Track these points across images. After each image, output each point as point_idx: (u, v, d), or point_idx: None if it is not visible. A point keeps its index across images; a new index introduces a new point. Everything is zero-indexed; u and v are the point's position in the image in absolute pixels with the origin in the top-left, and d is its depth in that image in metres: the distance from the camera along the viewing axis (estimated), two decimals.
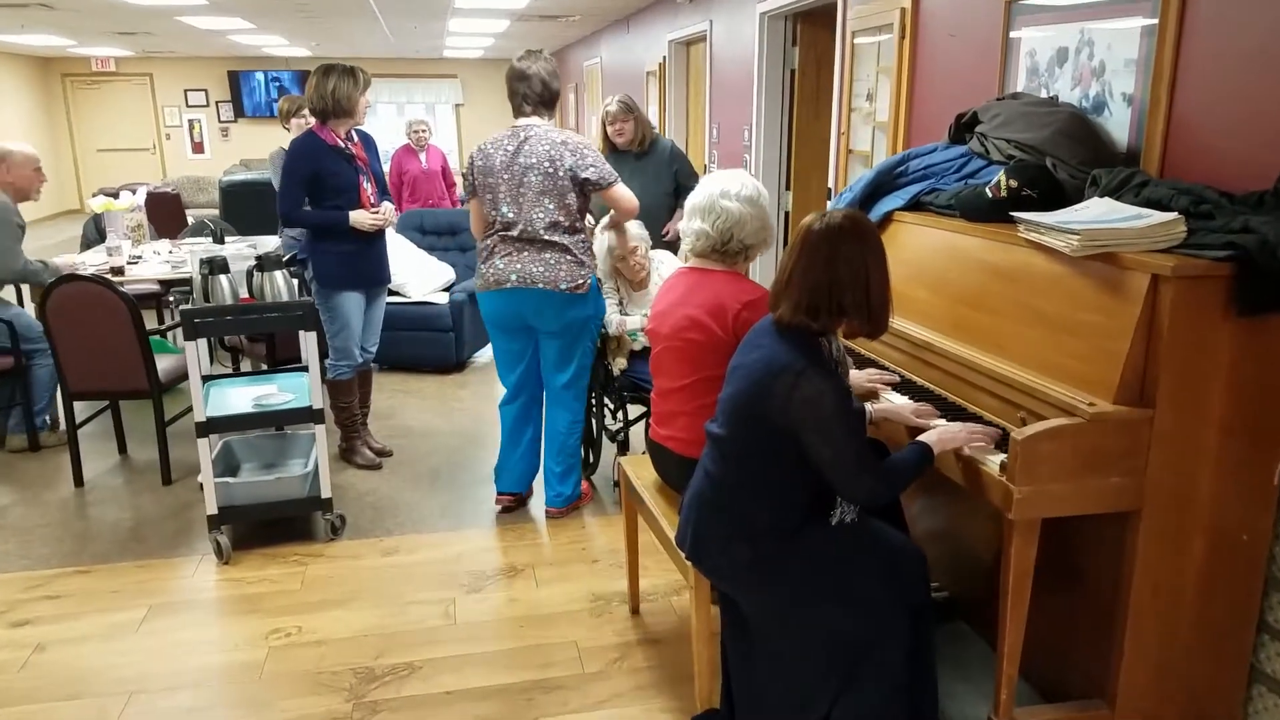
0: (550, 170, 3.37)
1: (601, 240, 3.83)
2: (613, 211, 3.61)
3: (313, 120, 4.00)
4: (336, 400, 4.21)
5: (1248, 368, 2.01)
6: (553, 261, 3.42)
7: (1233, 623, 2.20)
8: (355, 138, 4.02)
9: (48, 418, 4.62)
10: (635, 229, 3.81)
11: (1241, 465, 2.08)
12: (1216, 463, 2.06)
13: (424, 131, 7.75)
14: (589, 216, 3.64)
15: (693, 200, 2.71)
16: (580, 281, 3.46)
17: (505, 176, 3.41)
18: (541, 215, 3.39)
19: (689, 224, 2.70)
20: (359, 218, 3.88)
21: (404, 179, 7.74)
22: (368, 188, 3.98)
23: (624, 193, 3.47)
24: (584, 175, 3.38)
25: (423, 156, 7.75)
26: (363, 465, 4.32)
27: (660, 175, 4.80)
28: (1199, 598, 2.15)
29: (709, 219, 2.65)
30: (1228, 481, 2.08)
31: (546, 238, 3.40)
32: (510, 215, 3.42)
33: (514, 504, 3.89)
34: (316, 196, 3.90)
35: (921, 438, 2.16)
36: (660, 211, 4.75)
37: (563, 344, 3.58)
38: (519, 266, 3.43)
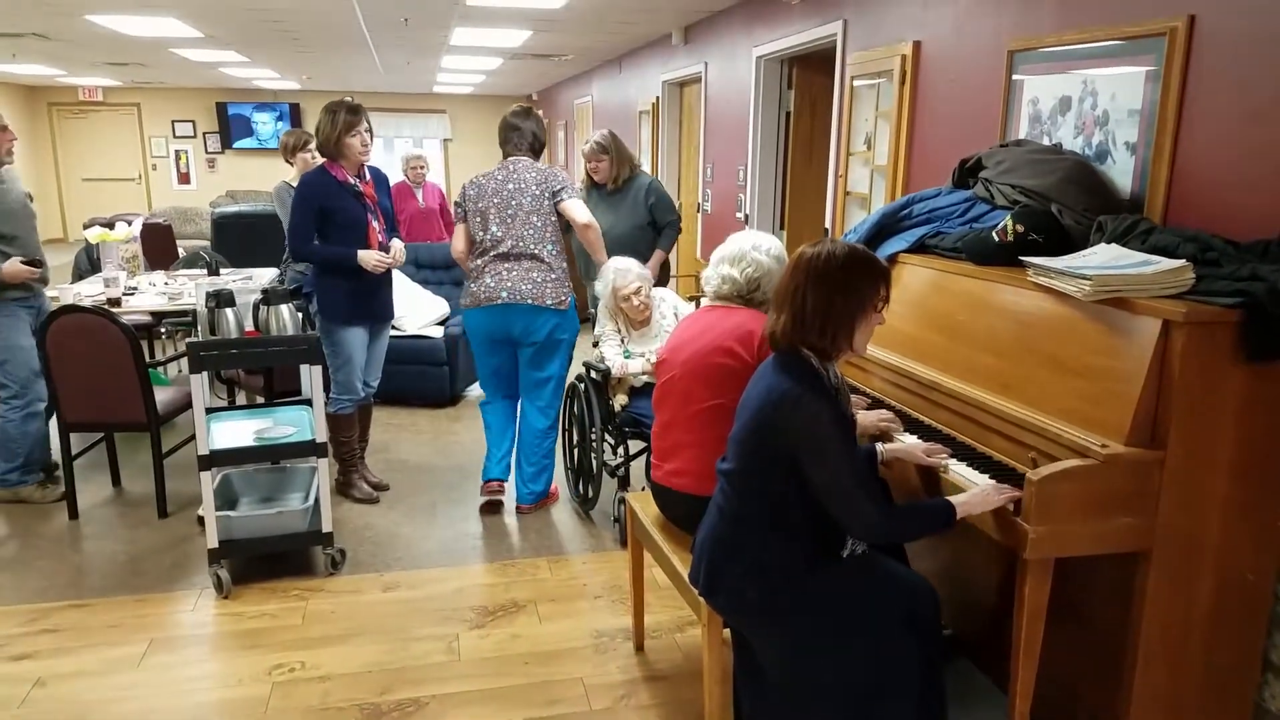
0: (537, 192, 3.85)
1: (605, 281, 3.89)
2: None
3: (318, 155, 4.05)
4: (336, 435, 4.19)
5: (1256, 412, 2.06)
6: (539, 280, 3.85)
7: (1240, 662, 2.24)
8: (367, 175, 4.02)
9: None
10: (637, 269, 3.89)
11: (1249, 507, 2.12)
12: (1225, 504, 2.11)
13: (421, 167, 7.47)
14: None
15: (723, 250, 2.82)
16: (563, 298, 3.91)
17: (495, 200, 3.86)
18: (530, 232, 3.85)
19: (715, 270, 2.81)
20: (366, 257, 3.89)
21: (400, 218, 7.33)
22: (376, 225, 3.97)
23: (578, 207, 3.90)
24: (555, 187, 3.88)
25: (419, 194, 7.46)
26: (360, 499, 4.31)
27: (634, 210, 4.89)
28: (1207, 637, 2.19)
29: (738, 266, 2.76)
30: (1235, 523, 2.13)
31: (534, 251, 3.84)
32: (499, 233, 3.85)
33: (500, 490, 4.26)
34: (325, 233, 3.92)
35: (949, 498, 2.14)
36: (633, 244, 4.75)
37: (543, 356, 3.96)
38: (510, 284, 3.84)
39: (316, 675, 2.93)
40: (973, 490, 2.18)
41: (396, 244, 4.08)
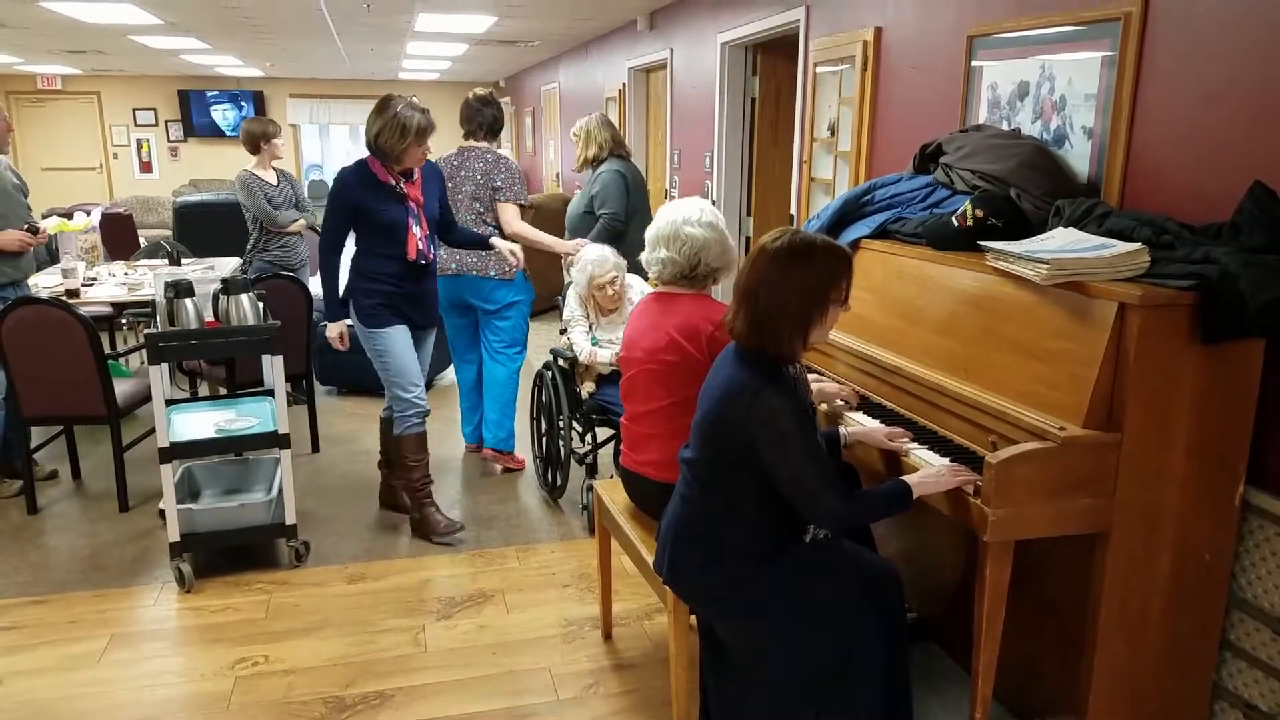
0: (481, 181, 4.18)
1: (582, 268, 3.88)
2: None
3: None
4: (404, 459, 3.74)
5: (1210, 393, 2.09)
6: (484, 254, 4.15)
7: (1198, 640, 2.27)
8: (414, 174, 3.64)
9: None
10: (614, 258, 3.87)
11: (1205, 487, 2.15)
12: (1182, 485, 2.13)
13: None
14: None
15: (655, 230, 2.75)
16: (507, 270, 4.19)
17: (449, 185, 4.11)
18: (472, 216, 4.19)
19: (652, 253, 2.75)
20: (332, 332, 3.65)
21: None
22: (416, 232, 3.57)
23: (512, 213, 4.22)
24: (496, 183, 4.17)
25: None
26: (442, 539, 3.79)
27: (583, 196, 4.87)
28: (1165, 615, 2.22)
29: (674, 246, 2.70)
30: (1192, 503, 2.15)
31: (476, 232, 4.09)
32: (449, 216, 4.06)
33: (477, 451, 4.72)
34: (362, 234, 3.59)
35: (905, 478, 2.17)
36: (571, 228, 4.84)
37: (495, 318, 4.32)
38: (459, 257, 4.20)
39: (280, 669, 2.90)
40: (927, 470, 2.20)
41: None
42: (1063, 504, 2.08)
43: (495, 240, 3.94)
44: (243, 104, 15.19)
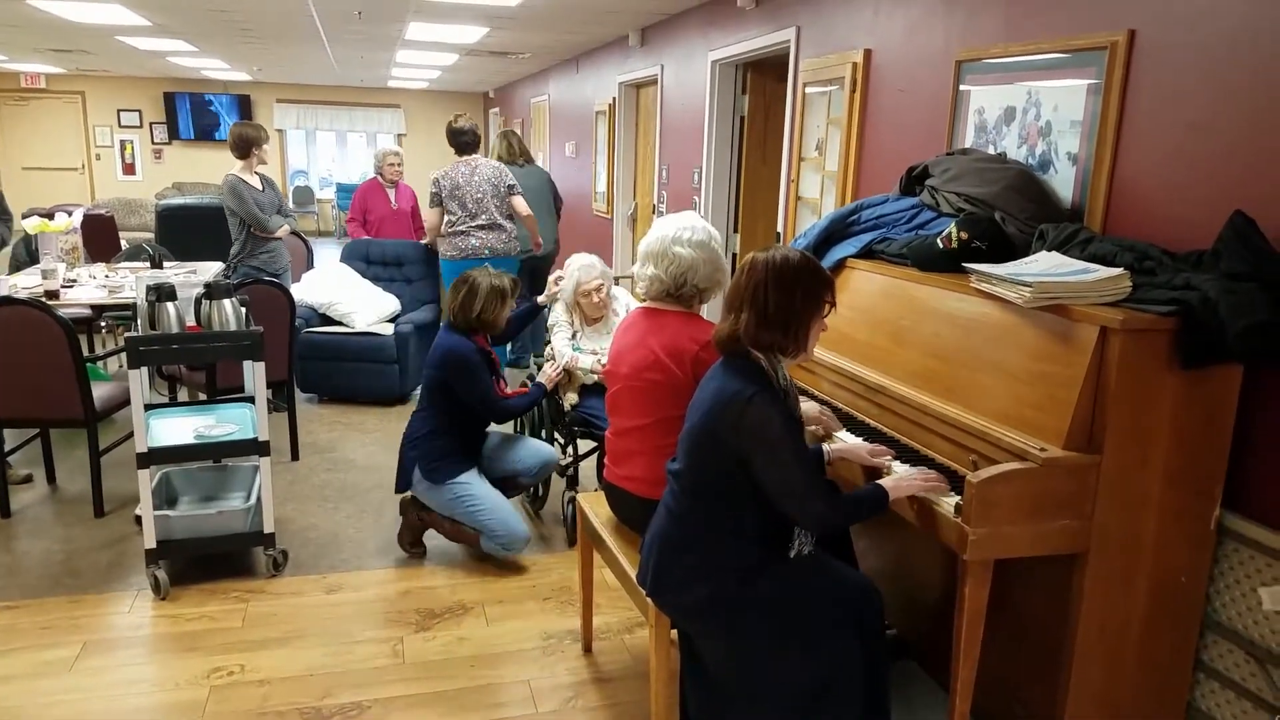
0: (496, 182, 5.56)
1: (570, 277, 3.91)
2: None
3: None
4: (460, 535, 3.68)
5: (1189, 417, 2.12)
6: (505, 238, 5.60)
7: (1173, 661, 2.29)
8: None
9: None
10: (600, 266, 3.90)
11: (1182, 510, 2.18)
12: (1159, 507, 2.16)
13: (397, 164, 6.83)
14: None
15: (647, 246, 2.75)
16: (514, 249, 5.65)
17: (469, 189, 5.48)
18: (494, 209, 5.55)
19: (642, 269, 2.75)
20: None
21: (369, 219, 6.82)
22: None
23: (521, 203, 5.63)
24: (509, 182, 5.59)
25: (392, 194, 6.83)
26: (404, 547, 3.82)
27: None
28: (1142, 637, 2.24)
29: (661, 265, 2.70)
30: (1169, 525, 2.18)
31: (499, 222, 5.57)
32: (474, 209, 5.50)
33: None
34: (451, 394, 3.60)
35: (879, 482, 2.22)
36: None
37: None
38: (490, 244, 5.52)
39: (256, 679, 2.87)
40: (899, 475, 2.27)
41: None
42: (1042, 524, 2.09)
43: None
44: (229, 108, 15.13)
